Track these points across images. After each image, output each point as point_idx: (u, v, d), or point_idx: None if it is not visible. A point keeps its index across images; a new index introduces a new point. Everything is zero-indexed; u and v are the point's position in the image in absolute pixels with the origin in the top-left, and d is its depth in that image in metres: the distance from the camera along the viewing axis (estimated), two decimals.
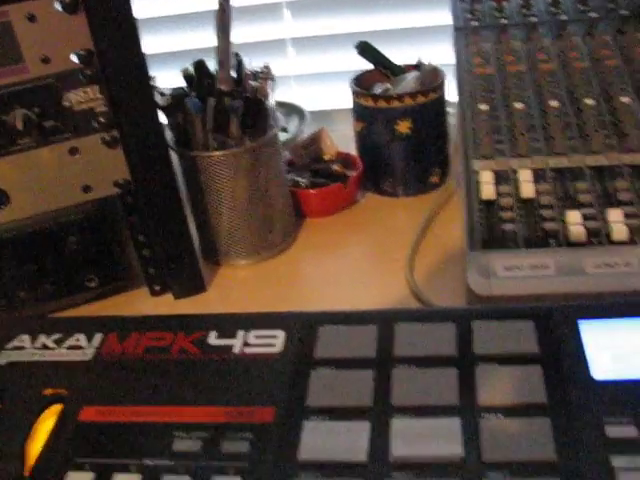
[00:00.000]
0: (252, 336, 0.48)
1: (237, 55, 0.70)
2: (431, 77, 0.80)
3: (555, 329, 0.45)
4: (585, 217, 0.61)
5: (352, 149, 0.84)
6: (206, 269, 0.72)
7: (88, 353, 0.50)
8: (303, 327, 0.48)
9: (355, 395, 0.43)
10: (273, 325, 0.49)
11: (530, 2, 0.88)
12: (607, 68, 0.76)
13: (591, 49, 0.80)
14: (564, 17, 0.86)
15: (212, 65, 0.70)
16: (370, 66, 0.84)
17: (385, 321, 0.48)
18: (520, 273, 0.57)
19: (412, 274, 0.67)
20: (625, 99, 0.72)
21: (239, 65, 0.70)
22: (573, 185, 0.64)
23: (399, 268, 0.68)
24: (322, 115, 1.01)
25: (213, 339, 0.49)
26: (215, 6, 0.66)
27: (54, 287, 0.67)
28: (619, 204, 0.62)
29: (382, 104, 0.76)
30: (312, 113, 1.00)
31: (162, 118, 0.65)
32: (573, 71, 0.77)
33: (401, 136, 0.77)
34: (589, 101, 0.72)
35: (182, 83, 0.72)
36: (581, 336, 0.45)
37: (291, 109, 1.01)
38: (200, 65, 0.71)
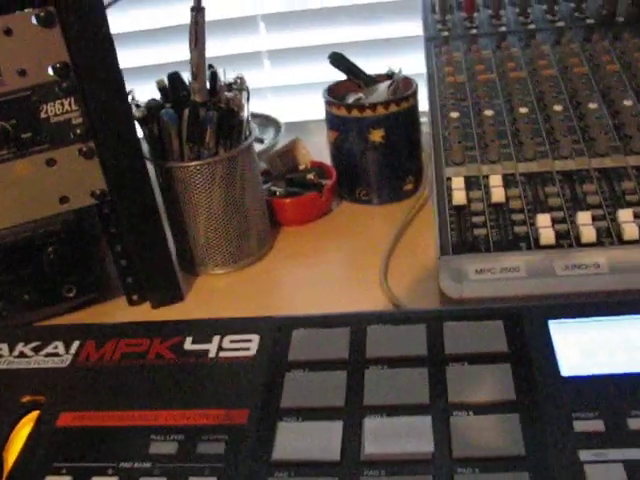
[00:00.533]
0: (227, 341, 0.49)
1: (211, 66, 0.71)
2: (403, 86, 0.81)
3: (524, 328, 0.47)
4: (554, 220, 0.62)
5: (326, 159, 0.85)
6: (183, 278, 0.73)
7: (65, 360, 0.50)
8: (277, 331, 0.49)
9: (328, 396, 0.44)
10: (248, 329, 0.50)
11: (499, 12, 0.90)
12: (575, 75, 0.78)
13: (559, 57, 0.81)
14: (532, 26, 0.88)
15: (187, 77, 0.71)
16: (343, 77, 0.85)
17: (357, 323, 0.49)
18: (491, 276, 0.59)
19: (386, 280, 0.68)
20: (592, 105, 0.73)
21: (213, 76, 0.71)
22: (543, 189, 0.66)
23: (374, 274, 0.69)
24: (297, 126, 1.02)
25: (189, 344, 0.49)
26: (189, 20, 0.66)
27: (32, 297, 0.67)
28: (587, 207, 0.63)
29: (355, 113, 0.77)
30: (288, 124, 1.01)
31: (138, 129, 0.66)
32: (542, 79, 0.78)
33: (374, 145, 0.78)
34: (558, 107, 0.74)
35: (157, 96, 0.72)
36: (550, 335, 0.46)
37: (267, 120, 1.02)
38: (175, 77, 0.72)
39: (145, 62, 1.14)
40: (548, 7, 0.89)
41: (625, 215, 0.61)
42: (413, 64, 0.88)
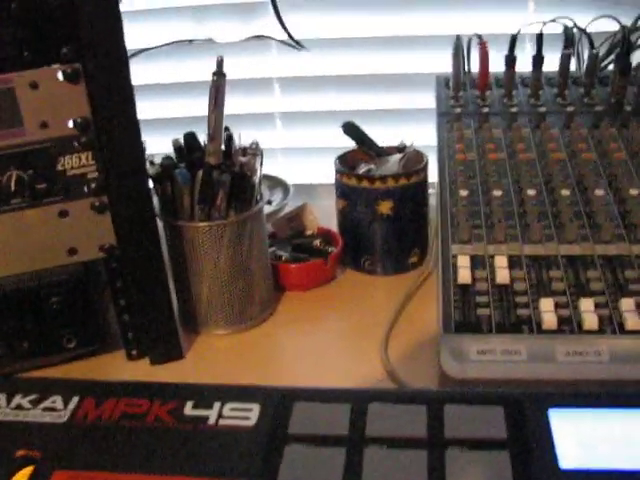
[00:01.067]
0: (228, 408, 0.49)
1: (227, 129, 0.72)
2: (414, 159, 0.82)
3: (525, 416, 0.47)
4: (557, 305, 0.62)
5: (334, 224, 0.86)
6: (185, 336, 0.73)
7: (63, 416, 0.50)
8: (279, 402, 0.49)
9: (326, 472, 0.43)
10: (249, 398, 0.50)
11: (512, 93, 0.92)
12: (582, 160, 0.79)
13: (568, 141, 0.83)
14: (543, 109, 0.89)
15: (202, 137, 0.72)
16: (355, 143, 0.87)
17: (359, 400, 0.49)
18: (492, 358, 0.59)
19: (387, 353, 0.68)
20: (599, 191, 0.74)
21: (229, 139, 0.72)
22: (547, 273, 0.66)
23: (374, 346, 0.69)
24: (306, 189, 1.03)
25: (189, 409, 0.49)
26: (208, 77, 0.68)
27: (32, 346, 0.67)
28: (590, 294, 0.64)
29: (365, 184, 0.78)
30: (297, 186, 1.02)
31: (150, 186, 0.66)
32: (550, 162, 0.80)
33: (382, 216, 0.79)
34: (565, 192, 0.75)
35: (172, 149, 0.73)
36: (550, 424, 0.46)
37: (276, 182, 1.03)
38: (190, 137, 0.73)
39: (160, 115, 1.15)
40: (559, 91, 0.91)
41: (627, 304, 0.62)
42: (425, 135, 0.89)
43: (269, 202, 0.93)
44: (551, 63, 0.91)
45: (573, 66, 0.95)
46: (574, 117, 0.88)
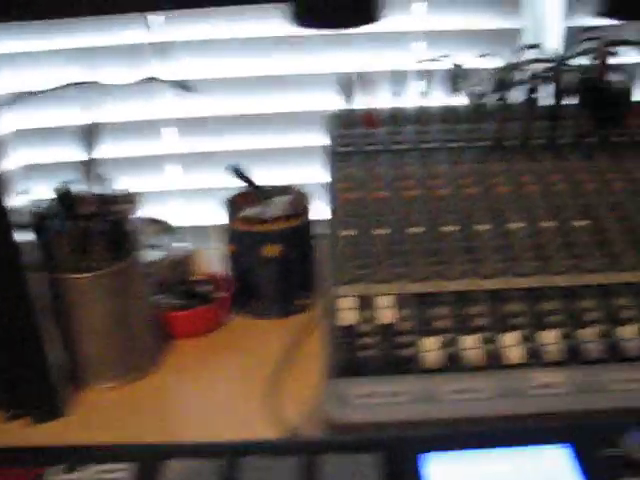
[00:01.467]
0: (96, 471, 0.47)
1: (103, 177, 0.70)
2: (300, 200, 0.82)
3: (398, 461, 0.46)
4: (442, 343, 0.62)
5: (227, 268, 0.85)
6: (72, 391, 0.70)
7: None
8: (151, 460, 0.48)
9: None
10: (120, 458, 0.48)
11: (399, 130, 0.93)
12: (467, 196, 0.80)
13: (453, 177, 0.84)
14: (430, 145, 0.90)
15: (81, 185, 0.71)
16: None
17: (234, 454, 0.48)
18: (376, 401, 0.58)
19: (274, 399, 0.67)
20: (483, 226, 0.75)
21: (105, 187, 0.70)
22: (432, 311, 0.66)
23: (262, 393, 0.68)
24: (199, 231, 1.02)
25: (53, 475, 0.47)
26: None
27: None
28: (475, 330, 0.64)
29: (252, 227, 0.78)
30: (191, 229, 1.01)
31: (29, 237, 0.64)
32: (435, 198, 0.80)
33: (270, 259, 0.78)
34: (449, 228, 0.75)
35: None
36: (422, 469, 0.46)
37: (164, 227, 1.01)
38: (67, 186, 0.71)
39: (54, 159, 1.12)
40: (448, 127, 0.92)
41: (509, 339, 0.62)
42: (317, 174, 0.89)
43: (153, 247, 0.91)
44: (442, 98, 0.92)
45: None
46: (461, 153, 0.89)
